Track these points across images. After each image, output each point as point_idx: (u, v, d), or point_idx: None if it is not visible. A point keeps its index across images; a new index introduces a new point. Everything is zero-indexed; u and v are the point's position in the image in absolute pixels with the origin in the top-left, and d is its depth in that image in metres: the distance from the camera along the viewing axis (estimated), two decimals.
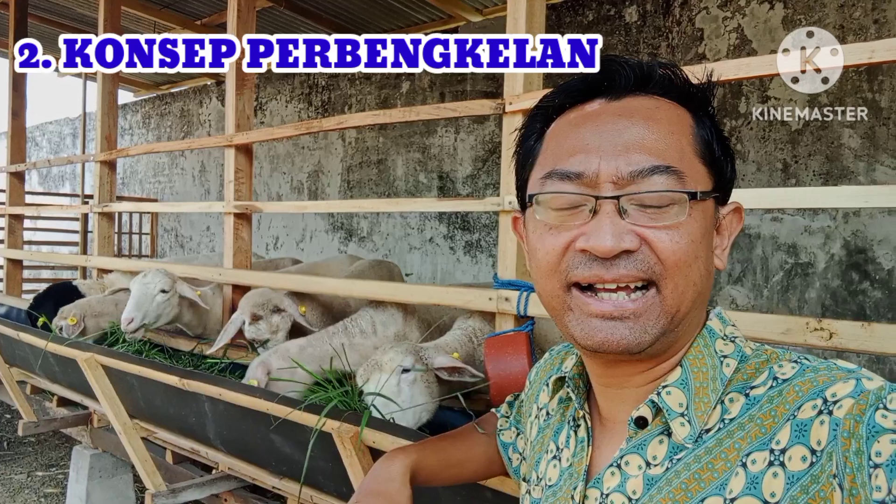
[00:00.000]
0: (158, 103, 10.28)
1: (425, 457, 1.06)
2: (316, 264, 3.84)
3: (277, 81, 8.35)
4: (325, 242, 7.87)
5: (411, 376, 2.05)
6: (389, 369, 2.03)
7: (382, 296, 2.52)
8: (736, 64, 1.73)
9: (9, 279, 5.94)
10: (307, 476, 2.31)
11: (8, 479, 5.12)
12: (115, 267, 4.34)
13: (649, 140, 0.70)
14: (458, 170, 6.55)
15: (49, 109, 20.85)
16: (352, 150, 7.52)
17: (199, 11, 6.76)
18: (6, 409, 6.65)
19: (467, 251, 6.52)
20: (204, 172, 9.41)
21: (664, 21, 5.17)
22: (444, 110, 2.37)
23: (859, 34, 4.26)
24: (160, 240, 10.03)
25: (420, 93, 6.82)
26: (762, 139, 4.69)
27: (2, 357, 4.07)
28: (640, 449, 0.73)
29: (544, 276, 0.75)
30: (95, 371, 2.85)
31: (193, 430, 2.72)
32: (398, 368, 2.03)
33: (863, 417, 0.57)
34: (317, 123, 2.89)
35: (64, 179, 12.06)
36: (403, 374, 2.04)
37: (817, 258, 4.48)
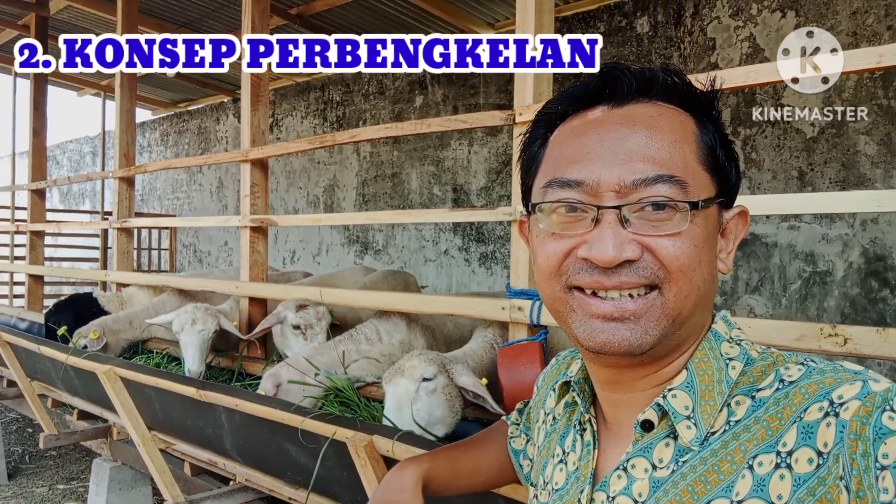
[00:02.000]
0: (176, 121, 10.43)
1: (437, 466, 1.06)
2: (331, 275, 3.87)
3: (293, 98, 8.44)
4: (340, 256, 7.92)
5: (431, 385, 2.05)
6: (410, 376, 2.05)
7: (396, 306, 2.53)
8: (744, 71, 1.74)
9: (30, 294, 6.04)
10: (323, 486, 2.32)
11: (30, 492, 5.18)
12: (133, 281, 4.40)
13: (652, 149, 0.70)
14: (472, 182, 6.57)
15: (69, 128, 21.24)
16: (367, 164, 7.57)
17: (217, 30, 6.88)
18: (28, 423, 6.73)
19: (482, 263, 6.53)
20: (221, 188, 9.52)
21: (676, 31, 5.17)
22: (454, 122, 2.39)
23: (872, 41, 4.24)
24: (179, 255, 10.14)
25: (433, 106, 6.87)
26: (777, 147, 4.67)
27: (24, 371, 4.13)
28: (646, 452, 0.73)
29: (545, 279, 0.75)
30: (114, 384, 2.89)
31: (210, 441, 2.75)
32: (419, 377, 2.05)
33: (869, 419, 0.57)
34: (330, 137, 2.93)
35: (84, 197, 12.25)
36: (424, 382, 2.05)
37: (835, 266, 4.43)
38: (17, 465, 5.74)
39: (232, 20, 6.48)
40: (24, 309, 5.80)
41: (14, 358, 4.06)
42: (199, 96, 9.62)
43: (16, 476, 5.52)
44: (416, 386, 2.04)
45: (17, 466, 5.74)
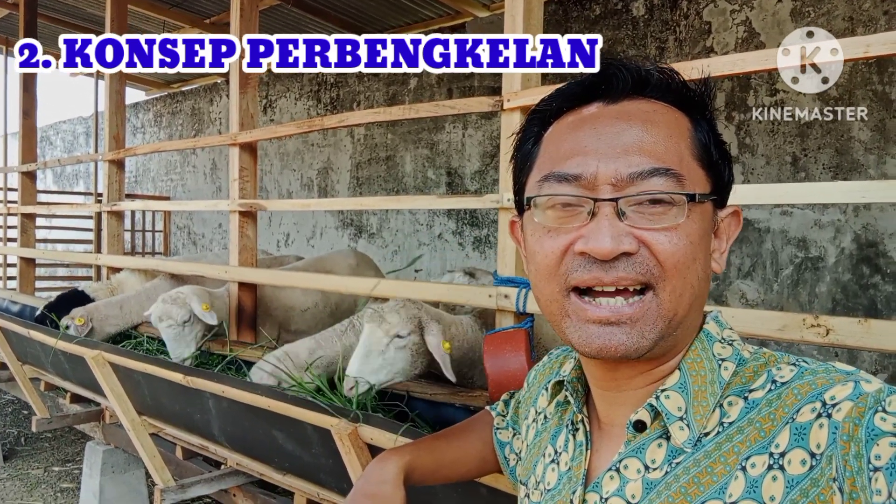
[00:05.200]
0: (170, 101, 10.35)
1: (419, 457, 1.06)
2: (319, 259, 3.87)
3: (286, 79, 8.38)
4: (335, 239, 7.90)
5: (402, 342, 2.12)
6: (386, 330, 2.10)
7: (384, 293, 2.53)
8: (731, 59, 1.72)
9: (22, 277, 6.03)
10: (310, 473, 2.33)
11: (25, 473, 5.21)
12: (124, 265, 4.39)
13: (648, 143, 0.70)
14: (467, 166, 6.55)
15: (63, 108, 21.08)
16: (361, 147, 7.54)
17: (208, 10, 6.81)
18: (23, 406, 6.75)
19: (476, 247, 6.52)
20: (215, 170, 9.48)
21: (671, 15, 5.13)
22: (443, 108, 2.37)
23: (869, 26, 4.21)
24: (173, 237, 10.12)
25: (428, 89, 6.82)
26: (771, 133, 4.65)
27: (14, 354, 4.13)
28: (638, 453, 0.73)
29: (543, 279, 0.75)
30: (103, 368, 2.89)
31: (199, 426, 2.76)
32: (394, 333, 2.10)
33: (862, 420, 0.57)
34: (318, 121, 2.90)
35: (78, 178, 12.19)
36: (396, 338, 2.11)
37: (827, 252, 4.44)
38: (12, 448, 5.77)
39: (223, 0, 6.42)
40: (16, 292, 5.79)
41: (4, 341, 4.06)
42: (193, 77, 9.54)
43: (11, 458, 5.54)
44: (389, 340, 2.10)
45: (13, 448, 5.76)
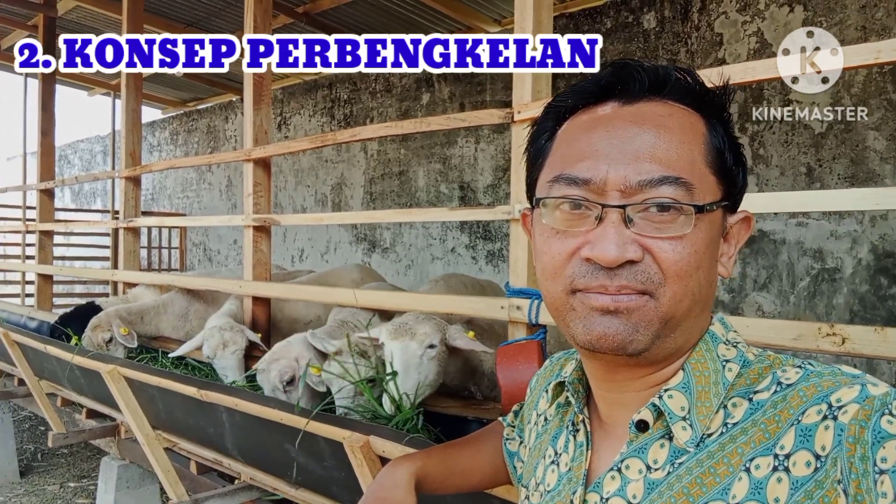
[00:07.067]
0: (186, 119, 10.48)
1: (431, 464, 1.06)
2: (325, 274, 3.89)
3: (300, 96, 8.46)
4: (348, 254, 7.93)
5: (433, 353, 2.16)
6: (420, 341, 2.15)
7: (393, 306, 2.53)
8: (742, 68, 1.72)
9: (39, 294, 6.10)
10: (322, 486, 2.32)
11: (41, 489, 5.24)
12: (139, 280, 4.42)
13: (660, 149, 0.69)
14: (479, 180, 6.56)
15: (81, 128, 21.42)
16: (374, 163, 7.58)
17: (222, 29, 6.89)
18: (40, 422, 6.80)
19: (489, 260, 6.52)
20: (231, 187, 9.56)
21: (683, 27, 5.13)
22: (454, 121, 2.38)
23: (882, 35, 4.18)
24: (189, 254, 10.20)
25: (440, 104, 6.86)
26: (785, 143, 4.62)
27: (32, 370, 4.17)
28: (640, 453, 0.73)
29: (549, 279, 0.75)
30: (118, 383, 2.91)
31: (213, 440, 2.76)
32: (428, 343, 2.15)
33: (868, 423, 0.57)
34: (331, 136, 2.93)
35: (95, 196, 12.35)
36: (429, 348, 2.16)
37: (844, 263, 4.38)
38: (28, 464, 5.81)
39: (238, 19, 6.50)
40: (34, 308, 5.85)
41: (22, 357, 4.10)
42: (208, 95, 9.66)
43: (28, 474, 5.58)
44: (423, 351, 2.14)
45: (30, 464, 5.80)
